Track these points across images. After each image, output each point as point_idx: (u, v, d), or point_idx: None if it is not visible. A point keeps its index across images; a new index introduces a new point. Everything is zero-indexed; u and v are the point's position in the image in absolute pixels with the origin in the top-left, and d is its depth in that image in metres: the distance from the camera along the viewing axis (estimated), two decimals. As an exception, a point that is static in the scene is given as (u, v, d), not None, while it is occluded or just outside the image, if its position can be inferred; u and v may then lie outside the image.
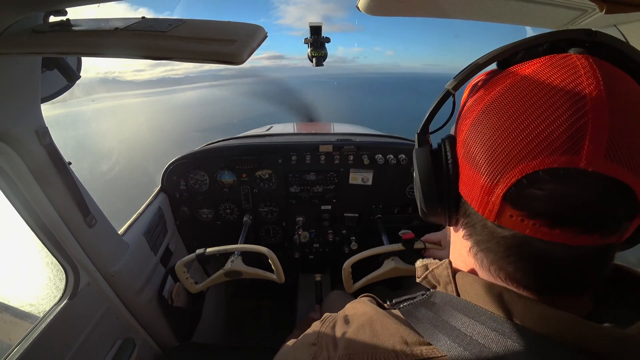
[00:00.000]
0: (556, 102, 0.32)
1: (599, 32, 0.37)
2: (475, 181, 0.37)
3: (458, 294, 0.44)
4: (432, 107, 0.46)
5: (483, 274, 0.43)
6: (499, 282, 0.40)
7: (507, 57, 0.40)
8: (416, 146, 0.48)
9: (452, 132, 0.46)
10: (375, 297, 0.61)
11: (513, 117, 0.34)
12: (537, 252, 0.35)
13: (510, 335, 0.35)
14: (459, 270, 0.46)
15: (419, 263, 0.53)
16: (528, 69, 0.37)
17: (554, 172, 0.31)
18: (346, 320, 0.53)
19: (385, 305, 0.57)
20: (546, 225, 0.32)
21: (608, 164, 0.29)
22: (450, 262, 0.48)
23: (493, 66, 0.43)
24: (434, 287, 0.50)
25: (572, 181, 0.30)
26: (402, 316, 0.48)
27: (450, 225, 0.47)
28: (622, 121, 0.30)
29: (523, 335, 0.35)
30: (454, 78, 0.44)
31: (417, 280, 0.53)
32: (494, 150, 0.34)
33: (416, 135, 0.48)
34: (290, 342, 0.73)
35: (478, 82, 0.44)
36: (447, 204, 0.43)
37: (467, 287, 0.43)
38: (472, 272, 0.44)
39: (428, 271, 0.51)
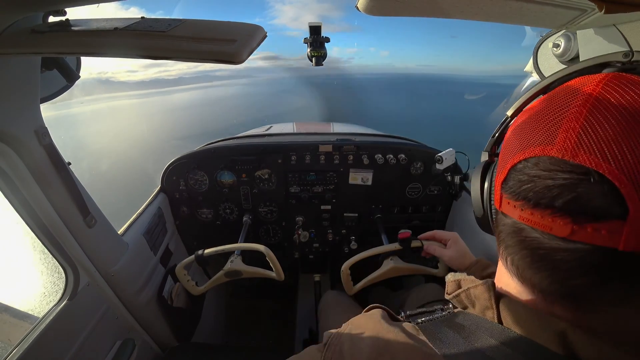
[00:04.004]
0: (552, 107, 0.36)
1: (635, 51, 0.44)
2: (497, 181, 0.41)
3: (500, 322, 0.39)
4: (497, 130, 0.56)
5: (528, 296, 0.39)
6: (545, 306, 0.37)
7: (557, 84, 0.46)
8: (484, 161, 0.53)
9: None
10: (386, 308, 0.55)
11: (523, 124, 0.40)
12: (530, 240, 0.35)
13: None
14: (505, 295, 0.41)
15: (450, 277, 0.49)
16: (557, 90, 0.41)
17: (529, 160, 0.35)
18: (355, 344, 0.46)
19: (400, 317, 0.52)
20: (529, 208, 0.35)
21: (581, 153, 0.31)
22: (493, 283, 0.42)
23: None
24: (465, 307, 0.45)
25: (543, 167, 0.34)
26: (424, 336, 0.43)
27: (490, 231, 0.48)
28: (601, 117, 0.32)
29: None
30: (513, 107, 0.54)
31: (446, 296, 0.49)
32: (504, 152, 0.41)
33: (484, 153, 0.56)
34: None
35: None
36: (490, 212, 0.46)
37: (515, 318, 0.38)
38: (518, 298, 0.40)
39: (462, 290, 0.45)
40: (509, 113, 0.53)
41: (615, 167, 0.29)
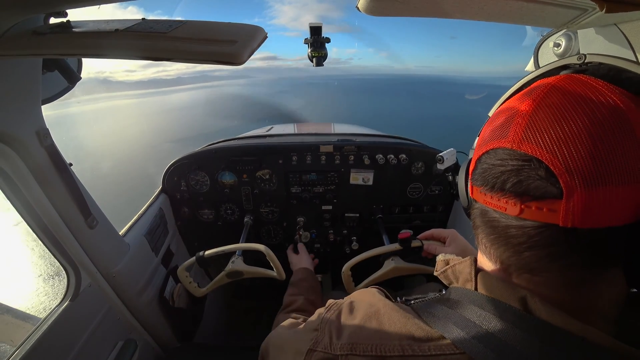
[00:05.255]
0: (511, 106, 0.42)
1: (587, 54, 0.49)
2: (470, 172, 0.47)
3: (476, 290, 0.45)
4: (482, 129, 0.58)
5: (494, 269, 0.45)
6: (514, 279, 0.42)
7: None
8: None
9: None
10: (384, 290, 0.61)
11: (489, 122, 0.45)
12: (492, 220, 0.42)
13: (533, 331, 0.36)
14: (483, 270, 0.46)
15: (440, 257, 0.55)
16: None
17: (490, 152, 0.42)
18: (352, 309, 0.53)
19: (394, 301, 0.57)
20: (488, 192, 0.41)
21: (525, 143, 0.37)
22: (475, 260, 0.48)
23: None
24: (450, 282, 0.51)
25: (498, 156, 0.40)
26: (412, 311, 0.48)
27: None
28: (543, 113, 0.37)
29: (550, 333, 0.36)
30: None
31: (435, 273, 0.55)
32: (475, 148, 0.46)
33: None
34: (287, 322, 0.73)
35: None
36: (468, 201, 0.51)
37: (488, 287, 0.44)
38: (488, 271, 0.46)
39: (448, 266, 0.52)
40: (490, 114, 0.57)
41: (551, 154, 0.35)
